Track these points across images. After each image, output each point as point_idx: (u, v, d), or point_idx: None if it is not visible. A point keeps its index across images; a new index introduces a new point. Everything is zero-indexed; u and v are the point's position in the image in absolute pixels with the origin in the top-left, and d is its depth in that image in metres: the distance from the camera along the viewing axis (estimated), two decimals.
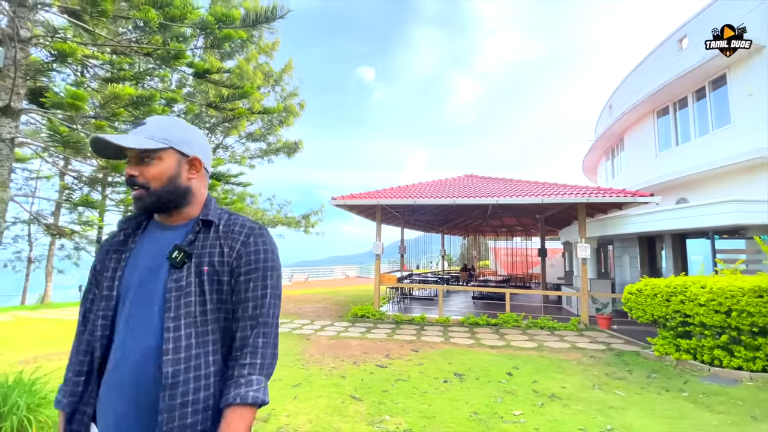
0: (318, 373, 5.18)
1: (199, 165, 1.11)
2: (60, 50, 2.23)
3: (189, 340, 0.98)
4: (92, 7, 2.26)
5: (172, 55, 2.86)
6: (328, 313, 10.69)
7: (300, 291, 17.81)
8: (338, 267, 31.58)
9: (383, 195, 10.03)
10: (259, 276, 1.04)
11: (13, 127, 2.71)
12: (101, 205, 4.03)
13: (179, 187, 1.07)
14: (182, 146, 1.07)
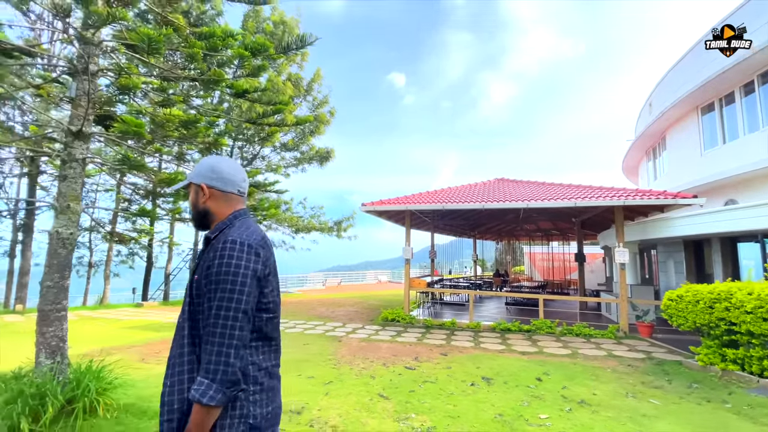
0: (348, 372, 5.39)
1: (205, 189, 1.30)
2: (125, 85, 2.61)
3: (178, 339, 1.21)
4: (149, 45, 2.63)
5: (214, 80, 3.22)
6: (359, 317, 10.92)
7: (333, 295, 18.23)
8: (370, 272, 31.89)
9: (412, 200, 10.18)
10: (211, 288, 1.13)
11: (85, 148, 3.15)
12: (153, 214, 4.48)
13: (199, 210, 1.32)
14: (193, 178, 1.32)
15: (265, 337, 1.21)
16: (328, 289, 22.55)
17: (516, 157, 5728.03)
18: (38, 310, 3.05)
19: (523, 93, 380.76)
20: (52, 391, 2.63)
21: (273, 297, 1.24)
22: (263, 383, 1.19)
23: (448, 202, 9.65)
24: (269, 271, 1.22)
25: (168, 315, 11.59)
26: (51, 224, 2.98)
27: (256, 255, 1.16)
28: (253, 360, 1.18)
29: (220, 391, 1.05)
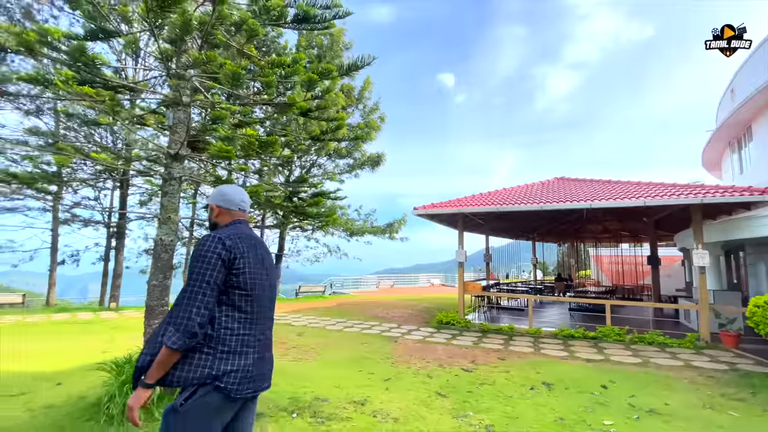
0: (406, 371, 5.59)
1: (215, 208, 1.83)
2: (216, 116, 3.10)
3: None
4: (233, 79, 3.09)
5: (287, 104, 3.63)
6: (413, 319, 11.08)
7: (387, 297, 18.56)
8: (423, 275, 31.76)
9: (465, 203, 10.16)
10: (190, 266, 1.55)
11: (180, 168, 3.72)
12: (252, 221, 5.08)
13: (211, 222, 1.85)
14: (209, 201, 1.87)
15: (239, 309, 1.56)
16: (382, 291, 22.95)
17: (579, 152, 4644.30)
18: (146, 305, 3.64)
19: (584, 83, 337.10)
20: None
21: (246, 279, 1.58)
22: (232, 346, 1.51)
23: (504, 204, 9.50)
24: (236, 258, 1.56)
25: None
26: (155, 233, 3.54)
27: (222, 244, 1.55)
28: (226, 326, 1.51)
29: (181, 339, 1.41)
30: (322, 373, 5.26)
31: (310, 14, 3.61)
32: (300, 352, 6.73)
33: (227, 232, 1.63)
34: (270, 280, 1.72)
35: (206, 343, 1.48)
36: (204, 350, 1.46)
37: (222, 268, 1.50)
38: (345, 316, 11.62)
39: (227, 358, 1.48)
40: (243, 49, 3.99)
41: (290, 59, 3.56)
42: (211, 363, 1.45)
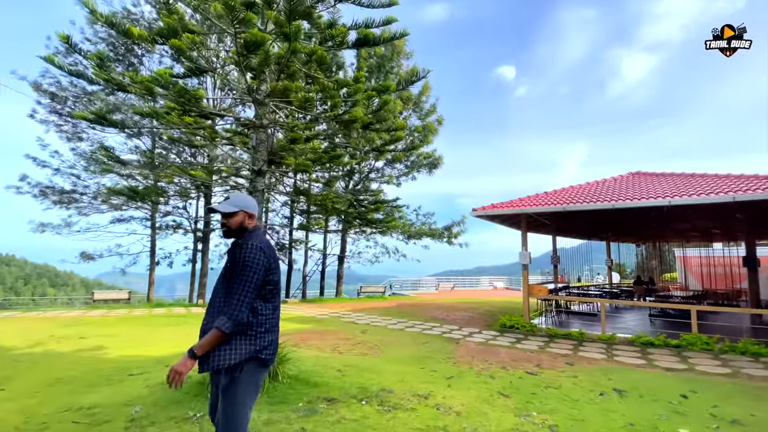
0: (468, 371, 5.69)
1: (250, 215, 2.14)
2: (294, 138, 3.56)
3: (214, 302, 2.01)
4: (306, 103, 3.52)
5: (351, 120, 4.02)
6: (475, 322, 11.00)
7: (447, 299, 18.47)
8: (485, 277, 30.93)
9: (528, 203, 9.90)
10: (237, 270, 1.92)
11: (263, 182, 4.28)
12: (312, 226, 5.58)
13: (243, 227, 2.13)
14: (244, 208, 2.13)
15: (269, 300, 2.01)
16: (441, 294, 22.83)
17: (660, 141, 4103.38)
18: None
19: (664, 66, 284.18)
20: None
21: (275, 278, 2.03)
22: (267, 327, 1.98)
23: (571, 203, 9.09)
24: (272, 264, 1.99)
25: (307, 311, 13.53)
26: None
27: (264, 254, 1.96)
28: (262, 313, 1.96)
29: (232, 326, 1.85)
30: (386, 368, 5.57)
31: (369, 37, 3.95)
32: (365, 348, 7.12)
33: (263, 243, 2.01)
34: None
35: (248, 328, 1.93)
36: (248, 333, 1.91)
37: (263, 274, 1.94)
38: (405, 317, 11.88)
39: (264, 336, 1.95)
40: (312, 73, 4.45)
41: (352, 79, 3.92)
42: (254, 342, 1.91)
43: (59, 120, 14.58)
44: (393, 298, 18.63)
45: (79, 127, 14.90)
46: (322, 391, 4.01)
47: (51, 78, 14.35)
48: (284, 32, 3.12)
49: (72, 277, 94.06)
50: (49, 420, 3.25)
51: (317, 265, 21.40)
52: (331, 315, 12.61)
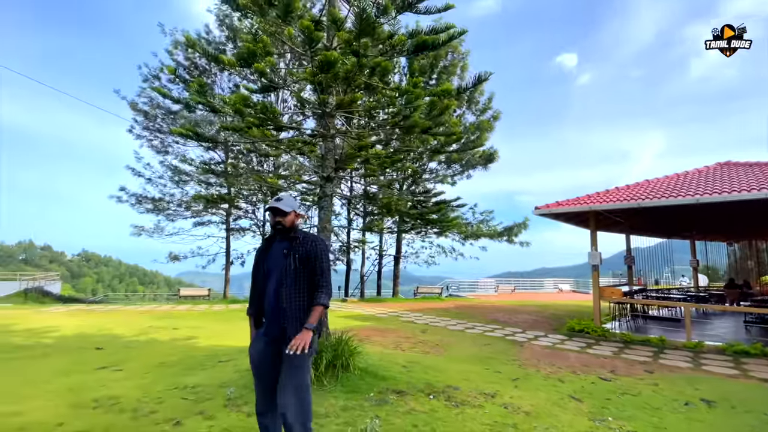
0: (535, 374, 5.57)
1: (302, 214, 2.49)
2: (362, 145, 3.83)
3: (290, 288, 2.30)
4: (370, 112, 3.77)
5: (411, 125, 4.19)
6: (540, 325, 10.60)
7: (507, 301, 17.88)
8: (549, 280, 29.55)
9: (597, 199, 9.33)
10: (320, 257, 2.35)
11: (331, 188, 4.60)
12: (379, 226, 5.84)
13: (295, 225, 2.45)
14: (296, 209, 2.46)
15: None
16: (501, 296, 22.12)
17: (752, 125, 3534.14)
18: None
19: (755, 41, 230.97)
20: (326, 351, 4.01)
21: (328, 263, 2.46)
22: None
23: (647, 198, 8.43)
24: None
25: (367, 309, 13.93)
26: None
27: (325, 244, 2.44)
28: None
29: (329, 300, 2.34)
30: (450, 366, 5.64)
31: (428, 43, 4.08)
32: (427, 347, 7.24)
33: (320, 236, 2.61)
34: None
35: None
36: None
37: None
38: (465, 318, 11.78)
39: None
40: (374, 84, 4.70)
41: (411, 84, 4.09)
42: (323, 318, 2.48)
43: (150, 135, 16.56)
44: (450, 300, 18.48)
45: (166, 141, 16.79)
46: (390, 384, 4.21)
47: (145, 97, 16.39)
48: (354, 50, 3.38)
49: (157, 276, 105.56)
50: (163, 395, 3.81)
51: (374, 265, 21.92)
52: (389, 314, 12.89)
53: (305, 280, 2.34)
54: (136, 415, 3.32)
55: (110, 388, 4.08)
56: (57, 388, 4.00)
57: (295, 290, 2.30)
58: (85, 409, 3.39)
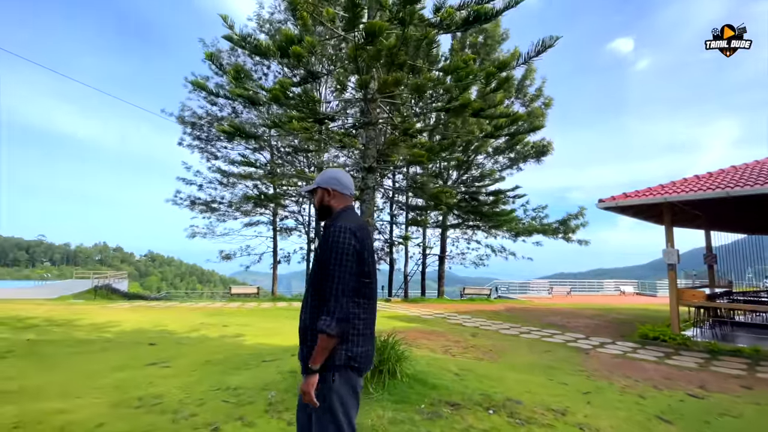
0: (607, 387, 4.88)
1: (330, 191, 1.79)
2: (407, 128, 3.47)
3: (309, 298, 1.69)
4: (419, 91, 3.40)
5: (462, 105, 3.76)
6: (604, 331, 9.63)
7: (564, 304, 16.67)
8: (608, 281, 27.55)
9: (672, 189, 8.22)
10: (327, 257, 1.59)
11: (373, 179, 4.28)
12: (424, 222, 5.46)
13: (324, 206, 1.81)
14: (322, 184, 1.81)
15: (363, 296, 1.62)
16: (556, 298, 20.76)
17: None
18: None
19: None
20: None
21: (369, 268, 1.65)
22: (360, 329, 1.61)
23: (735, 186, 7.26)
24: (365, 249, 1.62)
25: (412, 310, 13.53)
26: None
27: (355, 237, 1.59)
28: (354, 311, 1.58)
29: (338, 326, 1.51)
30: (507, 375, 5.10)
31: (481, 12, 3.62)
32: (479, 352, 6.70)
33: (354, 224, 1.65)
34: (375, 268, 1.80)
35: None
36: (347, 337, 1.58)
37: (356, 259, 1.58)
38: (518, 322, 11.02)
39: (357, 341, 1.60)
40: (417, 65, 4.30)
41: (461, 61, 3.65)
42: (347, 346, 1.57)
43: (200, 144, 17.35)
44: (500, 302, 17.56)
45: (215, 148, 17.51)
46: (442, 394, 3.79)
47: (189, 111, 17.20)
48: (401, 18, 3.02)
49: (213, 275, 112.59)
50: (205, 397, 3.68)
51: (417, 265, 21.42)
52: (435, 316, 12.40)
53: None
54: (176, 417, 3.18)
55: (156, 386, 4.04)
56: (106, 384, 4.02)
57: (316, 301, 1.66)
58: (128, 408, 3.32)
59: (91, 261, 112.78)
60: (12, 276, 75.24)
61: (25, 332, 7.14)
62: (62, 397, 3.60)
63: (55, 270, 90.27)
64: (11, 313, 9.66)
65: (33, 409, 3.26)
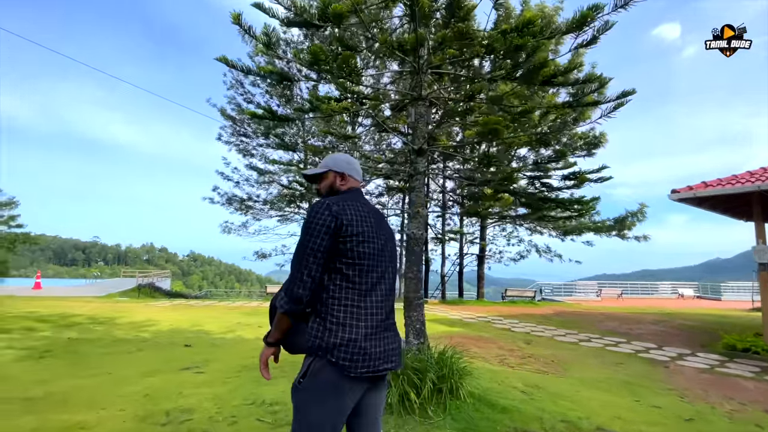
0: (710, 411, 4.02)
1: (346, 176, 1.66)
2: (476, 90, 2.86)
3: None
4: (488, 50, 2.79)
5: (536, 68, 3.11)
6: (675, 339, 8.54)
7: (618, 308, 15.34)
8: (662, 283, 25.66)
9: (763, 176, 7.04)
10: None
11: (424, 163, 3.69)
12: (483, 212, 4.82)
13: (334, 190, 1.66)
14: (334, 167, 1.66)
15: (347, 279, 1.41)
16: (606, 301, 19.27)
17: None
18: (404, 297, 3.71)
19: None
20: (429, 369, 3.08)
21: (354, 247, 1.42)
22: (340, 317, 1.37)
23: None
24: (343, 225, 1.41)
25: (452, 312, 12.81)
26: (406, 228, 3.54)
27: (329, 210, 1.42)
28: (333, 295, 1.40)
29: (288, 303, 1.39)
30: (583, 393, 4.34)
31: None
32: (539, 363, 5.93)
33: (337, 199, 1.51)
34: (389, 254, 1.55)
35: (317, 313, 1.42)
36: (316, 320, 1.41)
37: (327, 235, 1.41)
38: (572, 327, 10.05)
39: (335, 330, 1.37)
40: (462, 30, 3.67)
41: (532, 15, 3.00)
42: (321, 334, 1.38)
43: (236, 140, 17.44)
44: (546, 305, 16.41)
45: (251, 145, 17.54)
46: (515, 420, 3.13)
47: (232, 104, 17.28)
48: None
49: (250, 274, 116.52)
50: (237, 413, 3.23)
51: (454, 265, 20.53)
52: (478, 319, 11.63)
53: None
54: None
55: (187, 396, 3.65)
56: (135, 393, 3.68)
57: None
58: (153, 425, 2.92)
59: (139, 260, 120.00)
60: (70, 275, 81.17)
61: (67, 330, 7.14)
62: (87, 406, 3.27)
63: (107, 269, 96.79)
64: (59, 310, 9.91)
65: (53, 420, 2.93)
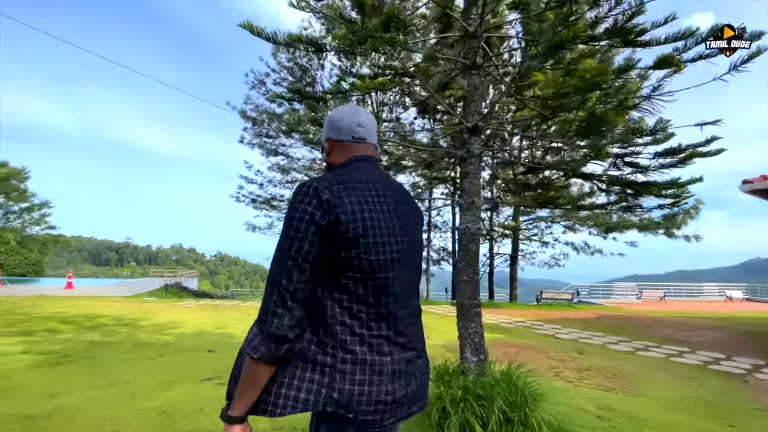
0: None
1: (325, 144, 1.17)
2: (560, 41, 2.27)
3: None
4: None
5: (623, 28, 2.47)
6: (741, 347, 7.69)
7: (663, 312, 14.21)
8: (710, 284, 24.09)
9: None
10: None
11: (480, 144, 3.11)
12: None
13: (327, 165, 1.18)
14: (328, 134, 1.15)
15: (358, 299, 0.95)
16: (648, 304, 18.00)
17: None
18: (457, 303, 3.15)
19: None
20: (497, 396, 2.50)
21: (361, 255, 0.93)
22: (355, 351, 0.92)
23: None
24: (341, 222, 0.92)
25: (486, 317, 12.03)
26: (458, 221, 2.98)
27: (317, 198, 0.93)
28: (342, 322, 0.94)
29: (265, 344, 0.89)
30: (662, 417, 3.64)
31: None
32: (600, 377, 5.21)
33: (329, 178, 0.99)
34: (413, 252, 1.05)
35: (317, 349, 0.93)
36: (318, 359, 0.92)
37: (315, 237, 0.91)
38: (621, 334, 9.21)
39: (352, 371, 0.91)
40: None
41: None
42: (330, 380, 0.91)
43: (259, 141, 17.26)
44: (585, 308, 15.40)
45: (274, 144, 17.33)
46: None
47: (252, 105, 17.12)
48: None
49: None
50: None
51: (484, 265, 19.69)
52: (516, 324, 10.89)
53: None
54: None
55: (206, 414, 3.22)
56: (151, 409, 3.27)
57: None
58: None
59: (168, 261, 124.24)
60: (104, 274, 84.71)
61: (90, 332, 6.94)
62: (95, 426, 2.87)
63: (139, 269, 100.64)
64: (87, 310, 9.85)
65: None
